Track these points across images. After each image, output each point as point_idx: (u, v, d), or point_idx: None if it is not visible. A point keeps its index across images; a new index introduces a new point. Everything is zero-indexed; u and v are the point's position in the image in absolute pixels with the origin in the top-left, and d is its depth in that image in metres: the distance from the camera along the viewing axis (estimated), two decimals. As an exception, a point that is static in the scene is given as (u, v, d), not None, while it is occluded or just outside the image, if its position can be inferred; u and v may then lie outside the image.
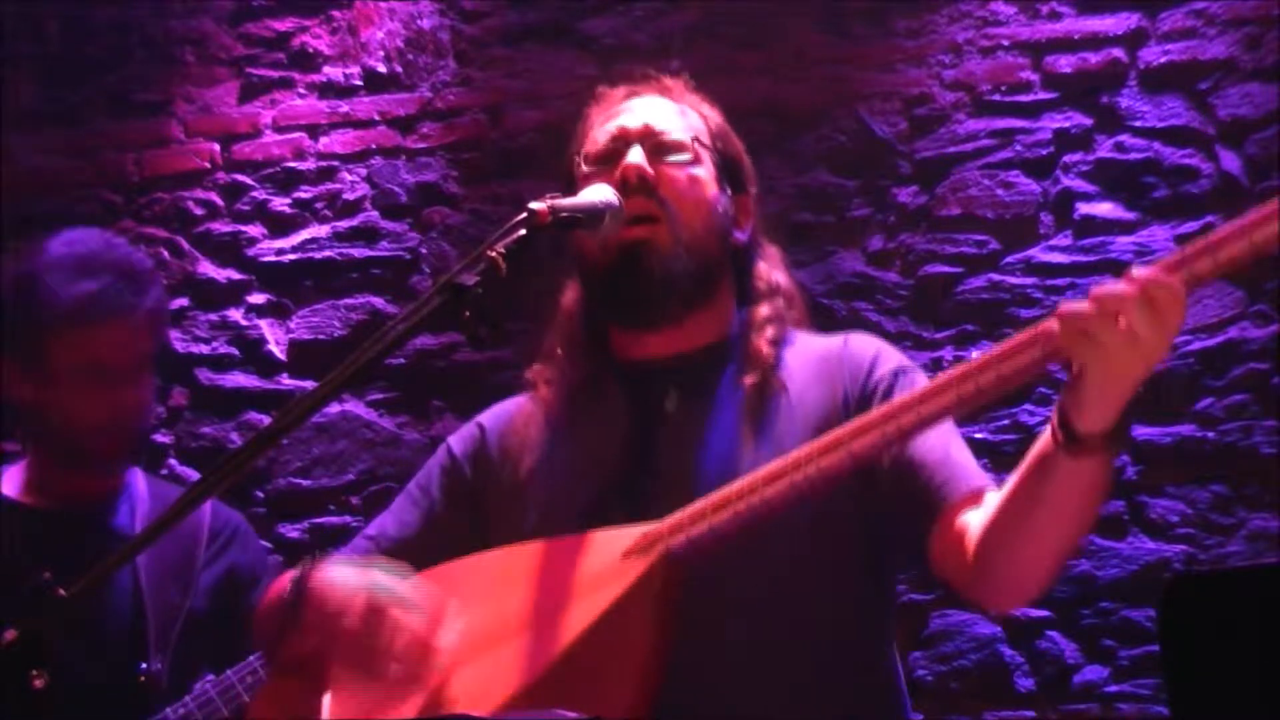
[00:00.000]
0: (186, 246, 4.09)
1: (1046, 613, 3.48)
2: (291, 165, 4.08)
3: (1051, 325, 1.73)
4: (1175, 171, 3.56)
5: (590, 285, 2.20)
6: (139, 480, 2.90)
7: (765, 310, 2.20)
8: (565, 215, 1.98)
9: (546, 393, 2.22)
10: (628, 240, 2.10)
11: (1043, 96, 3.67)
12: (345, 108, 4.07)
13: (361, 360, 1.80)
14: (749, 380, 2.12)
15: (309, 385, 3.92)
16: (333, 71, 4.09)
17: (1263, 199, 1.65)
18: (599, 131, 2.22)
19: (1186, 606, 1.48)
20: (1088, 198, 3.61)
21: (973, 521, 1.95)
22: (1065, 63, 3.66)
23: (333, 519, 3.89)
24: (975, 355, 1.80)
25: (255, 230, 4.08)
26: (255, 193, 4.09)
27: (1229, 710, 1.47)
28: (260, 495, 3.95)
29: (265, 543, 3.79)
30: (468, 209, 3.96)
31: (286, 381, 4.01)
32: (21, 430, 2.89)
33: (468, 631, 1.96)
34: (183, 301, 4.02)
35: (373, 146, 4.04)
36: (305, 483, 3.95)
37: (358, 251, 4.01)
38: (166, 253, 4.02)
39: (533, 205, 1.92)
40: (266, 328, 4.03)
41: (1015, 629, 3.51)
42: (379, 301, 3.98)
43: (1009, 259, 3.64)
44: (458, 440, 2.27)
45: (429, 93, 4.02)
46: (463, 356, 3.88)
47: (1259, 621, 1.45)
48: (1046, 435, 1.78)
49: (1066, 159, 3.63)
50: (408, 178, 4.01)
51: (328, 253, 4.02)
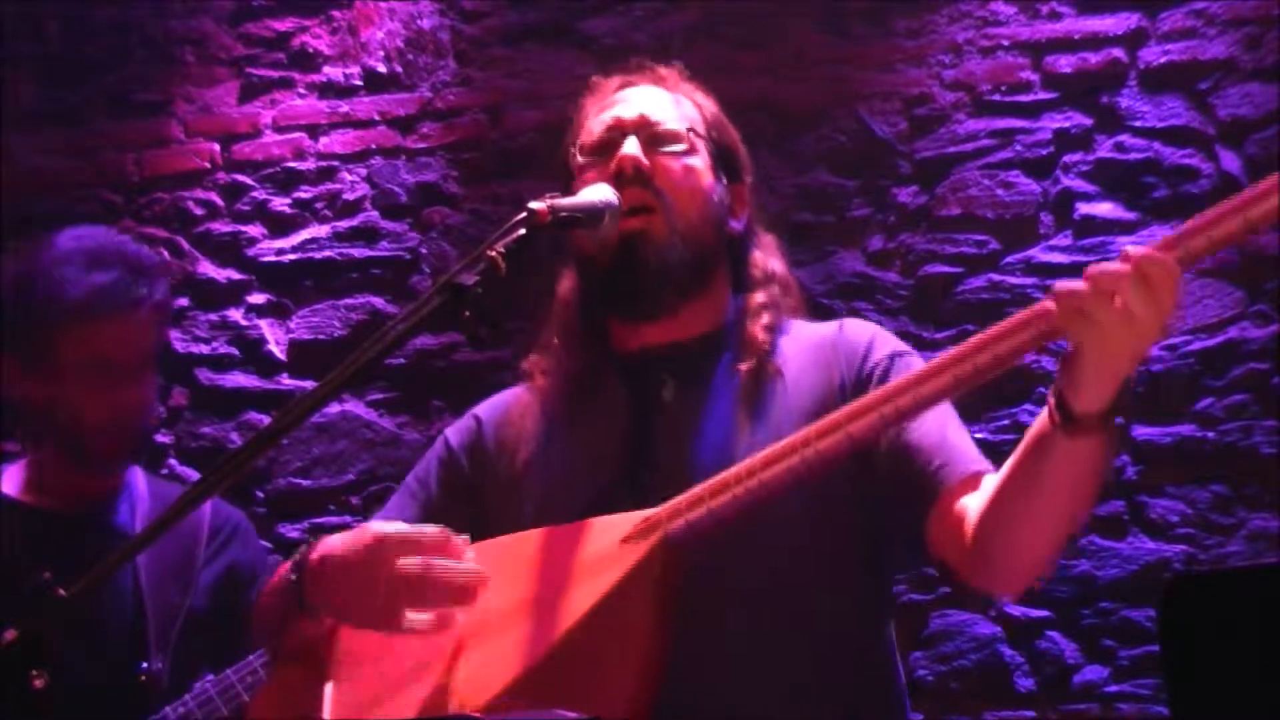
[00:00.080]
0: (186, 246, 4.09)
1: (1046, 613, 3.48)
2: (291, 165, 4.08)
3: (1048, 304, 1.73)
4: (1175, 171, 3.56)
5: (587, 278, 2.20)
6: (139, 479, 2.90)
7: (760, 297, 2.20)
8: (565, 215, 1.98)
9: (543, 383, 2.22)
10: (624, 231, 2.09)
11: (1043, 96, 3.67)
12: (345, 108, 4.07)
13: (361, 360, 1.80)
14: (745, 367, 2.12)
15: (309, 385, 3.92)
16: (333, 71, 4.09)
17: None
18: (594, 122, 2.22)
19: (1186, 606, 1.48)
20: (1088, 198, 3.61)
21: (971, 505, 1.95)
22: (1065, 63, 3.66)
23: (333, 519, 3.88)
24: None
25: (255, 230, 4.08)
26: (255, 193, 4.09)
27: (1229, 710, 1.46)
28: (260, 495, 3.95)
29: (265, 543, 3.80)
30: (468, 209, 3.96)
31: (286, 381, 4.01)
32: (21, 429, 2.89)
33: (468, 619, 1.95)
34: (183, 301, 4.02)
35: (373, 146, 4.04)
36: (305, 483, 3.95)
37: (358, 251, 4.01)
38: (166, 253, 4.02)
39: (532, 205, 1.92)
40: (266, 328, 4.03)
41: (1015, 629, 3.51)
42: (379, 301, 3.98)
43: (1009, 259, 3.64)
44: (455, 433, 2.27)
45: (429, 93, 4.02)
46: (463, 356, 3.88)
47: (1259, 621, 1.45)
48: (1043, 416, 1.79)
49: (1066, 159, 3.63)
50: (408, 178, 4.01)
51: (328, 253, 4.02)
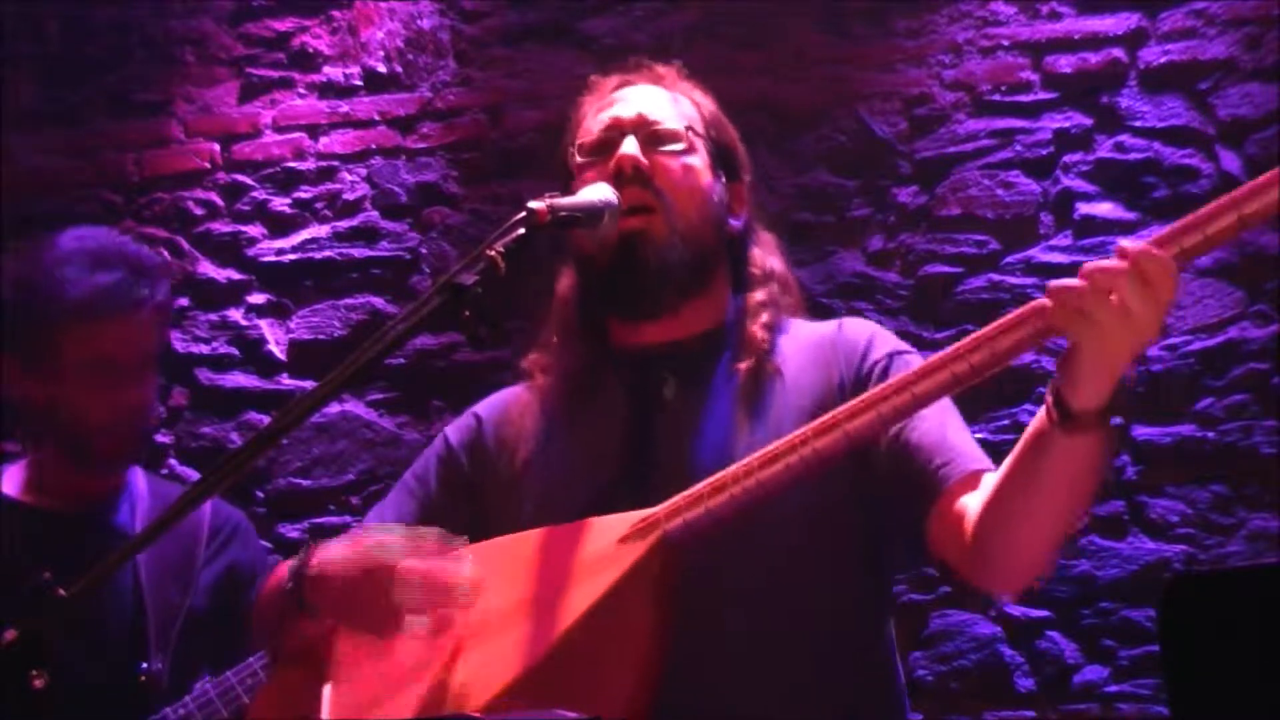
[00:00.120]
0: (186, 246, 4.09)
1: (1046, 613, 3.48)
2: (291, 165, 4.08)
3: (1044, 302, 1.73)
4: (1175, 171, 3.56)
5: (587, 277, 2.20)
6: (139, 480, 2.90)
7: (760, 296, 2.20)
8: (564, 214, 1.98)
9: (543, 382, 2.22)
10: (624, 231, 2.09)
11: (1043, 96, 3.67)
12: (345, 108, 4.07)
13: (361, 360, 1.80)
14: (744, 366, 2.12)
15: (309, 385, 3.92)
16: (333, 71, 4.09)
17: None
18: (592, 121, 2.22)
19: (1186, 606, 1.48)
20: (1088, 198, 3.61)
21: (971, 504, 1.95)
22: (1065, 63, 3.66)
23: (333, 519, 3.89)
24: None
25: (255, 230, 4.08)
26: (255, 193, 4.09)
27: (1229, 710, 1.46)
28: (260, 495, 3.95)
29: (265, 543, 3.80)
30: (468, 209, 3.96)
31: (286, 381, 4.01)
32: (22, 429, 2.89)
33: (467, 621, 1.95)
34: (183, 301, 4.02)
35: (373, 146, 4.04)
36: (305, 483, 3.95)
37: (358, 251, 4.01)
38: (166, 253, 4.02)
39: (531, 204, 1.92)
40: (266, 328, 4.03)
41: (1015, 629, 3.51)
42: (379, 301, 3.98)
43: (1009, 259, 3.64)
44: (454, 430, 2.27)
45: (429, 93, 4.02)
46: (463, 356, 3.88)
47: (1259, 621, 1.45)
48: (1041, 414, 1.79)
49: (1066, 159, 3.63)
50: (408, 178, 4.01)
51: (328, 253, 4.02)
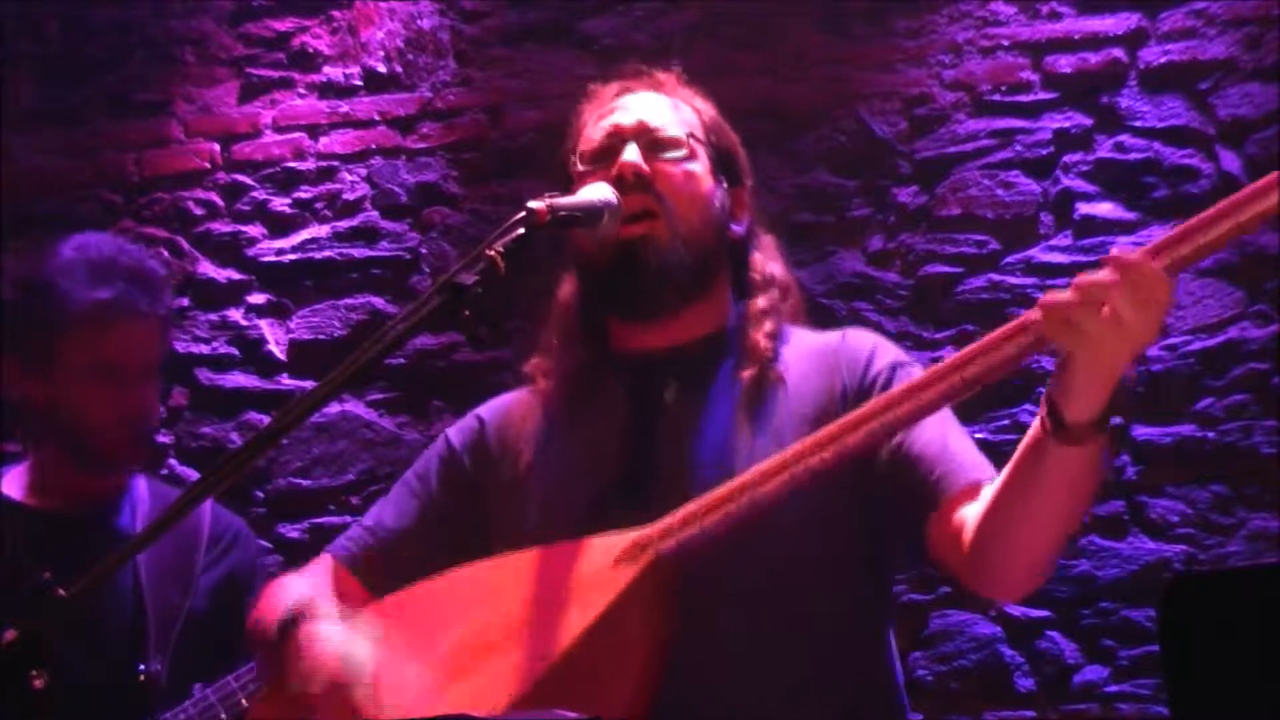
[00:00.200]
0: (186, 246, 4.09)
1: (1046, 613, 3.48)
2: (291, 165, 4.08)
3: (1035, 315, 1.73)
4: (1175, 171, 3.56)
5: (588, 281, 2.20)
6: (141, 482, 2.90)
7: (762, 303, 2.20)
8: (564, 214, 1.98)
9: (545, 386, 2.22)
10: (626, 237, 2.10)
11: (1043, 96, 3.67)
12: (345, 108, 4.07)
13: (361, 360, 1.80)
14: (747, 374, 2.12)
15: (309, 385, 3.92)
16: (333, 71, 4.09)
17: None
18: (593, 129, 2.22)
19: (1186, 606, 1.48)
20: (1088, 198, 3.60)
21: (970, 513, 1.95)
22: (1065, 63, 3.66)
23: (333, 519, 3.88)
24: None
25: (255, 230, 4.08)
26: (255, 193, 4.09)
27: (1229, 710, 1.46)
28: (260, 495, 3.95)
29: (265, 543, 3.80)
30: (468, 209, 3.96)
31: (286, 381, 4.01)
32: (22, 430, 2.89)
33: (460, 643, 1.96)
34: (183, 301, 4.02)
35: (373, 146, 4.04)
36: (305, 483, 3.95)
37: (358, 251, 4.01)
38: (166, 253, 4.02)
39: (531, 204, 1.92)
40: (266, 328, 4.03)
41: (1015, 629, 3.51)
42: (379, 301, 3.98)
43: (1009, 259, 3.64)
44: (456, 432, 2.27)
45: (429, 93, 4.02)
46: (463, 356, 3.88)
47: (1259, 621, 1.45)
48: (1037, 423, 1.79)
49: (1066, 159, 3.63)
50: (408, 178, 4.01)
51: (328, 253, 4.02)
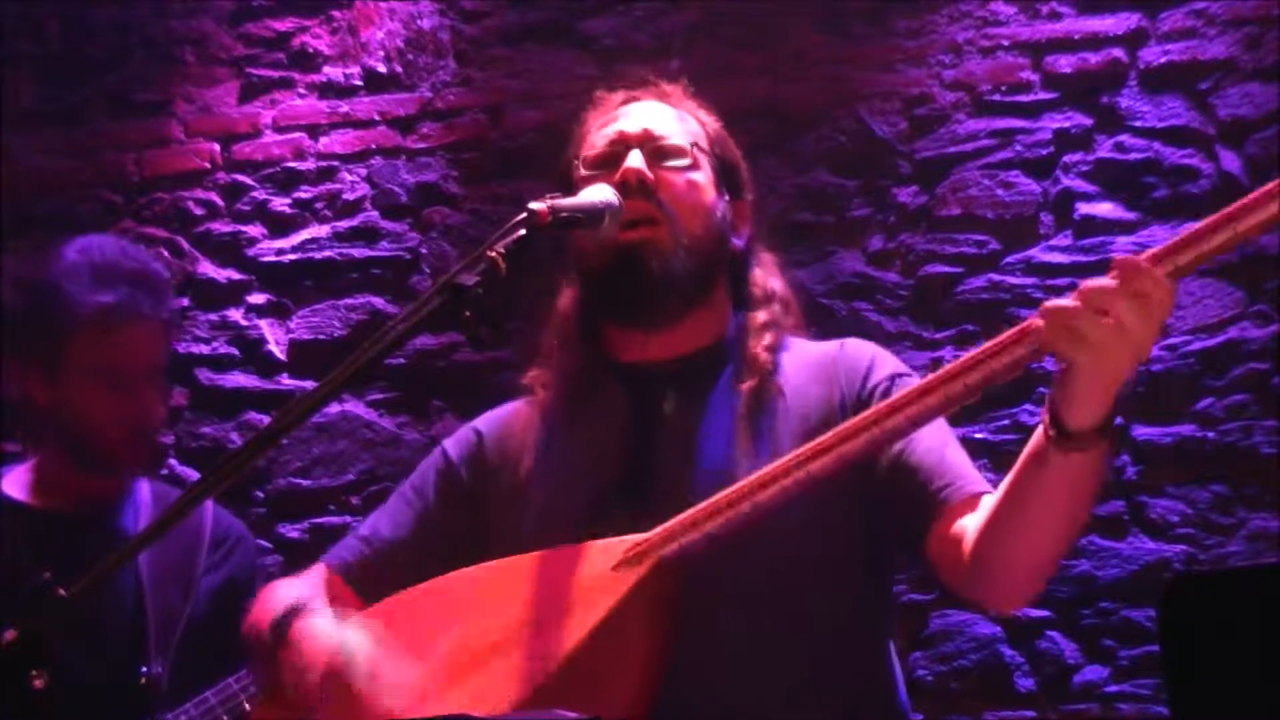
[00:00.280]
0: (186, 246, 4.09)
1: (1046, 613, 3.48)
2: (291, 165, 4.08)
3: (1036, 322, 1.73)
4: (1175, 171, 3.56)
5: (589, 286, 2.20)
6: (143, 485, 2.90)
7: (763, 316, 2.20)
8: (565, 215, 1.98)
9: (544, 396, 2.22)
10: (627, 243, 2.10)
11: (1043, 96, 3.67)
12: (345, 108, 4.07)
13: (361, 360, 1.80)
14: (746, 386, 2.12)
15: (309, 385, 3.92)
16: (333, 71, 4.09)
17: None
18: (597, 135, 2.22)
19: (1186, 606, 1.48)
20: (1088, 198, 3.60)
21: (970, 524, 1.96)
22: (1065, 63, 3.66)
23: (333, 519, 3.89)
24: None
25: (255, 230, 4.08)
26: (255, 193, 4.09)
27: (1229, 710, 1.46)
28: (260, 495, 3.95)
29: (265, 543, 3.80)
30: (468, 209, 3.96)
31: (286, 381, 4.01)
32: (22, 430, 2.89)
33: (461, 646, 1.96)
34: (183, 301, 4.02)
35: (373, 146, 4.04)
36: (305, 483, 3.95)
37: (358, 251, 4.01)
38: (166, 253, 4.02)
39: (532, 205, 1.92)
40: (266, 328, 4.03)
41: (1015, 629, 3.51)
42: (379, 301, 3.98)
43: (1009, 259, 3.63)
44: (453, 444, 2.26)
45: (429, 93, 4.02)
46: (463, 356, 3.88)
47: (1259, 621, 1.45)
48: (1039, 432, 1.79)
49: (1066, 159, 3.63)
50: (408, 178, 4.01)
51: (328, 253, 4.02)
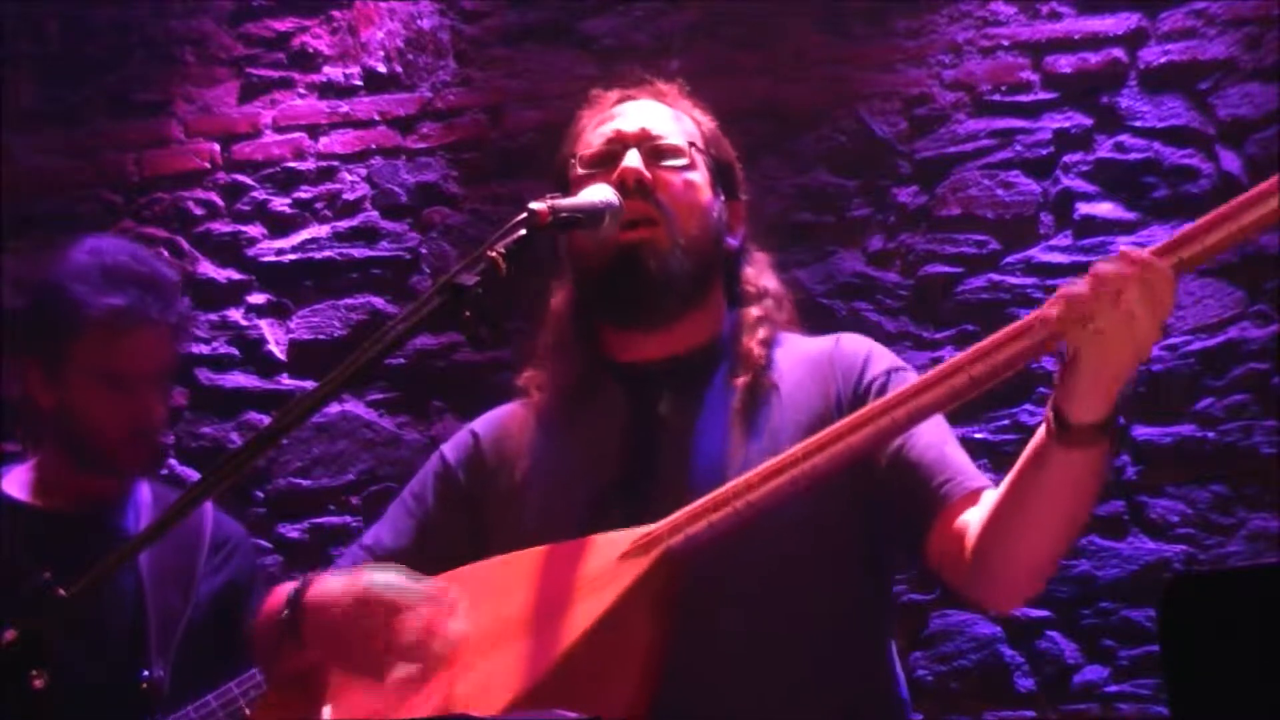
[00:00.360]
0: (186, 246, 4.09)
1: (1046, 613, 3.48)
2: (291, 165, 4.08)
3: (1048, 311, 1.73)
4: (1175, 171, 3.56)
5: (586, 285, 2.20)
6: (144, 486, 2.90)
7: (756, 312, 2.20)
8: (565, 215, 1.98)
9: (540, 397, 2.22)
10: (626, 243, 2.10)
11: (1043, 96, 3.67)
12: (345, 108, 4.07)
13: (361, 360, 1.80)
14: (741, 381, 2.12)
15: (309, 385, 3.92)
16: (333, 71, 4.09)
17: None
18: (593, 134, 2.22)
19: (1186, 606, 1.48)
20: (1088, 198, 3.60)
21: (971, 520, 1.96)
22: (1065, 63, 3.66)
23: (333, 519, 3.89)
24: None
25: (255, 230, 4.07)
26: (255, 193, 4.09)
27: (1229, 710, 1.47)
28: (260, 495, 3.94)
29: (265, 543, 3.80)
30: (468, 209, 3.96)
31: (286, 381, 4.01)
32: (23, 430, 2.89)
33: (467, 638, 1.96)
34: (185, 302, 4.02)
35: (373, 146, 4.04)
36: (305, 483, 3.94)
37: (358, 251, 4.01)
38: (166, 253, 4.02)
39: (533, 205, 1.92)
40: (266, 328, 4.03)
41: (1015, 629, 3.51)
42: (379, 301, 3.98)
43: (1009, 259, 3.63)
44: (451, 448, 2.26)
45: (429, 93, 4.02)
46: (463, 356, 3.88)
47: (1259, 621, 1.45)
48: (1042, 429, 1.80)
49: (1066, 159, 3.63)
50: (408, 178, 4.01)
51: (328, 253, 4.02)
